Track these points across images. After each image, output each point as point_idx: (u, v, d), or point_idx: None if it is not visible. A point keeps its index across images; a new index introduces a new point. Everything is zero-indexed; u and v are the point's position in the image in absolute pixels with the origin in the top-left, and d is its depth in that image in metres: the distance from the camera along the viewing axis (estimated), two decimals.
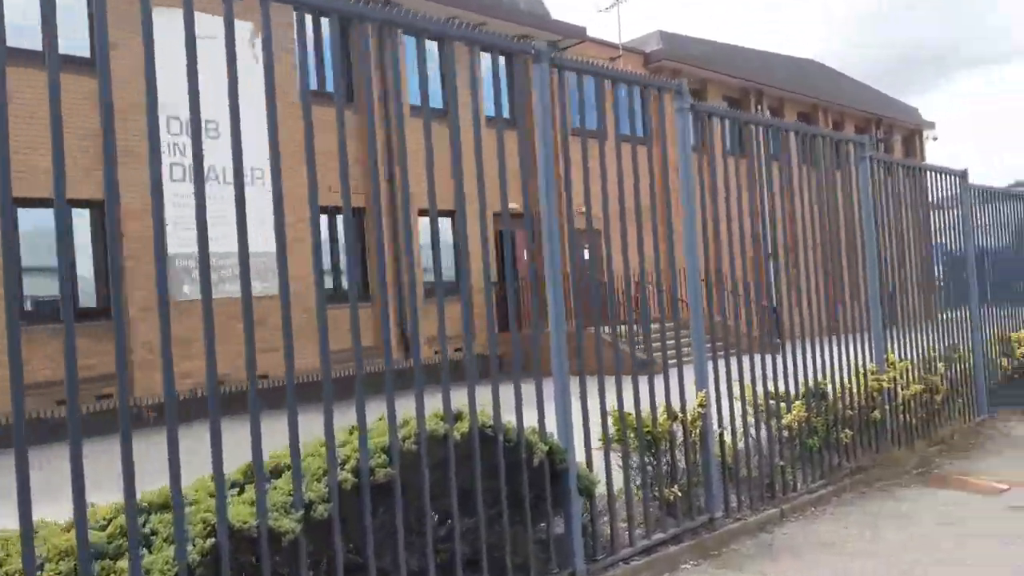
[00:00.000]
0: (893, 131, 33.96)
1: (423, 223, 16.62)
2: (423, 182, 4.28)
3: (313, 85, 15.43)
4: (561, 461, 4.42)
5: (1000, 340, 10.34)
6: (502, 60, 17.09)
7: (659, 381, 5.28)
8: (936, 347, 8.76)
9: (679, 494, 5.12)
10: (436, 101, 16.00)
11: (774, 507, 5.87)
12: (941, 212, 9.78)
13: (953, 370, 9.02)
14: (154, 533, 3.16)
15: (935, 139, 36.22)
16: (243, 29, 14.15)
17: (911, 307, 8.67)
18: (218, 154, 14.07)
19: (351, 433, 3.84)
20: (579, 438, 4.56)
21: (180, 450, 2.98)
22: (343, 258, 16.27)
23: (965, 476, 7.16)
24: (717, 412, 5.59)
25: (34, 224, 12.47)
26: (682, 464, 5.44)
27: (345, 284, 16.20)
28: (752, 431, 6.24)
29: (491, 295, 4.64)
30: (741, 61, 25.65)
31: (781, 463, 6.11)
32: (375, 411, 3.93)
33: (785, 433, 6.26)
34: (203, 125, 11.38)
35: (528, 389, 4.28)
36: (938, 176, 9.29)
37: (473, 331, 4.28)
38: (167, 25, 4.75)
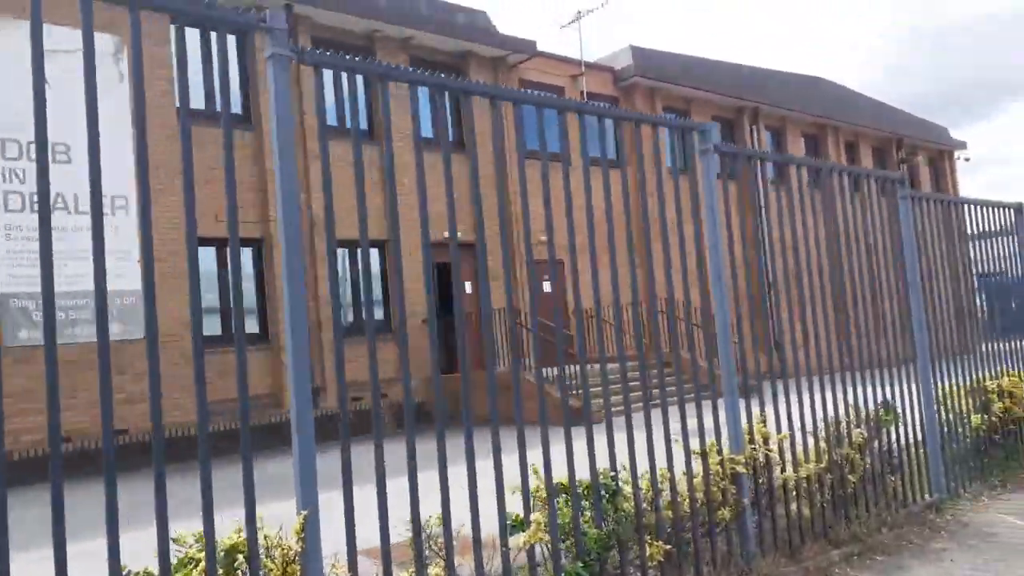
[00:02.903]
0: (917, 152, 31.17)
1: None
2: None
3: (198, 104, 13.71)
4: None
5: (974, 391, 7.86)
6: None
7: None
8: (866, 404, 6.39)
9: None
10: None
11: None
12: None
13: (887, 437, 6.62)
14: None
15: (967, 160, 33.26)
16: (106, 43, 12.54)
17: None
18: (67, 181, 12.53)
19: None
20: None
21: None
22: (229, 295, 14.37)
23: None
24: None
25: None
26: None
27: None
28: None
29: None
30: (730, 78, 23.40)
31: None
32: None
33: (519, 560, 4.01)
34: (51, 148, 9.48)
35: None
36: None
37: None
38: (7, 38, 3.60)
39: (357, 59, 3.64)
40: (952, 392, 7.52)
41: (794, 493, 5.56)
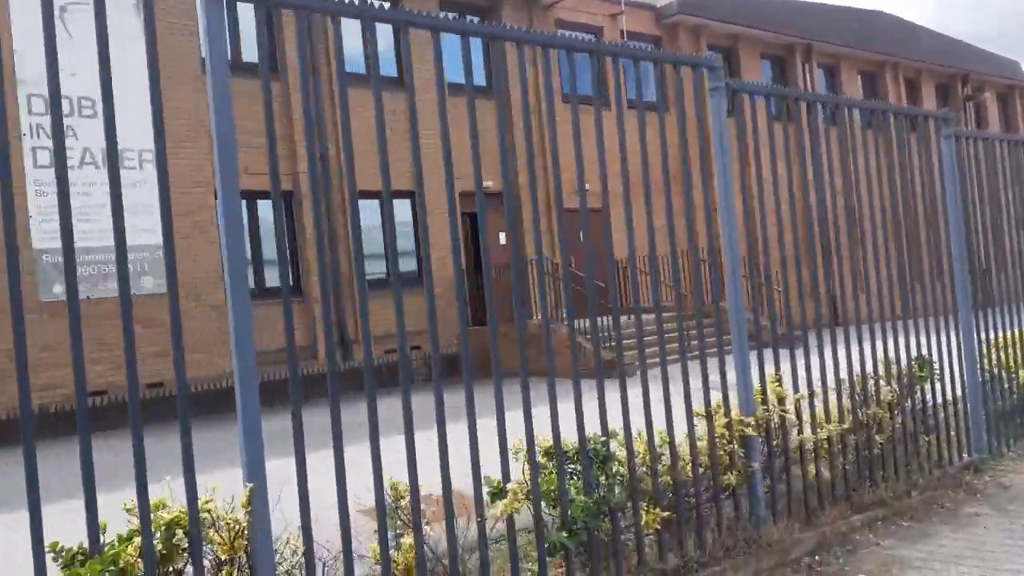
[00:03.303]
0: (984, 88, 29.52)
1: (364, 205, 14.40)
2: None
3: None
4: None
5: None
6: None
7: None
8: (898, 358, 5.96)
9: None
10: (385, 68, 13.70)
11: None
12: None
13: (921, 393, 6.19)
14: None
15: None
16: None
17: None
18: (94, 136, 12.53)
19: None
20: None
21: None
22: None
23: None
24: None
25: None
26: None
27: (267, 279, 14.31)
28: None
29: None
30: (780, 14, 22.29)
31: None
32: None
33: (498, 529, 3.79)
34: (77, 102, 9.49)
35: None
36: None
37: None
38: None
39: None
40: (999, 344, 7.02)
41: (812, 455, 5.22)
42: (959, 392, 6.58)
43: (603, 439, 4.12)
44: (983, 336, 6.86)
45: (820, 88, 23.67)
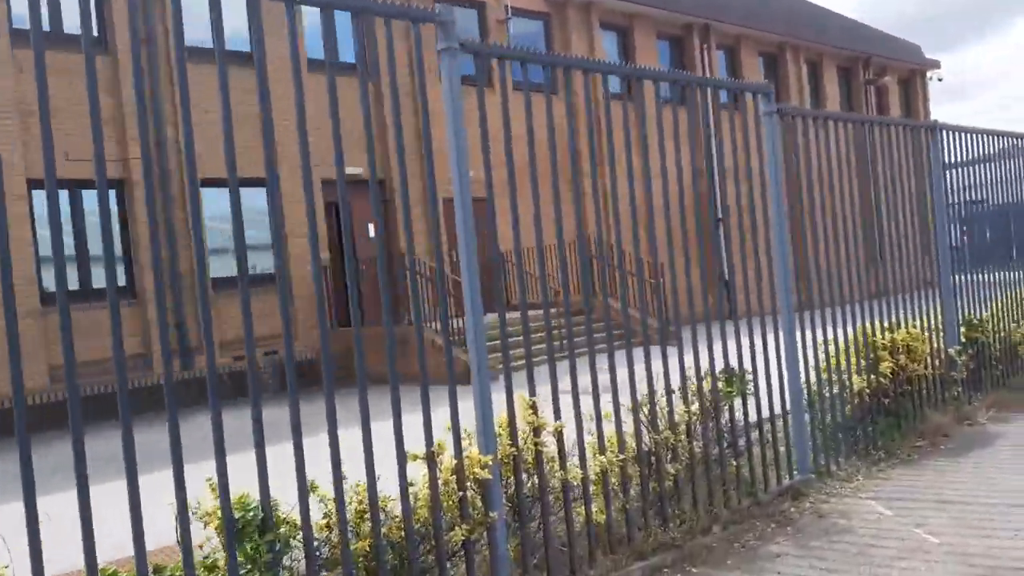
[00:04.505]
0: (886, 72, 29.52)
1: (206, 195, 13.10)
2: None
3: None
4: None
5: (863, 348, 6.67)
6: None
7: None
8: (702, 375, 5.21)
9: None
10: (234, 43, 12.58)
11: None
12: None
13: (732, 411, 5.45)
14: None
15: (940, 80, 31.67)
16: None
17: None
18: None
19: None
20: None
21: None
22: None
23: None
24: None
25: None
26: None
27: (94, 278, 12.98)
28: None
29: None
30: None
31: None
32: None
33: None
34: None
35: None
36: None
37: None
38: None
39: None
40: (832, 349, 6.35)
41: (580, 495, 4.41)
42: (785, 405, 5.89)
43: (254, 503, 3.21)
44: (829, 335, 6.24)
45: (719, 72, 23.14)
